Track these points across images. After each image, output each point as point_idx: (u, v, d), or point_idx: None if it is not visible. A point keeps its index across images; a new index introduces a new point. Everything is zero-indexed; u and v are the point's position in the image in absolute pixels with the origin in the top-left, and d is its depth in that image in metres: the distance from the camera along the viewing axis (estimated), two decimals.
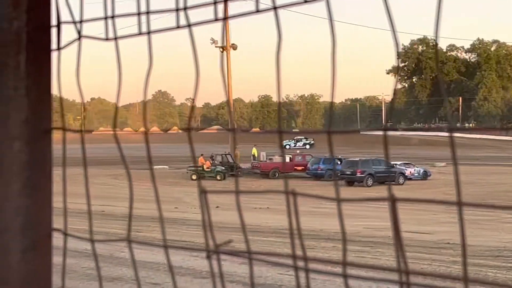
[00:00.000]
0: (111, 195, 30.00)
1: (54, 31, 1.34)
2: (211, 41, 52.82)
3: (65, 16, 1.33)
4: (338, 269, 1.07)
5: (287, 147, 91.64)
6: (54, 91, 1.35)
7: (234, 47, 54.37)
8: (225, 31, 48.74)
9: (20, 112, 1.28)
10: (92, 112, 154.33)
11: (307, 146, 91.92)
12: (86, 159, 1.33)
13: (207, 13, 1.23)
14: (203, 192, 1.20)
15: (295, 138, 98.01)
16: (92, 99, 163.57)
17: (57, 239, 1.39)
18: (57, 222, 1.36)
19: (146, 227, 19.43)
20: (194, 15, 1.25)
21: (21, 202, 1.28)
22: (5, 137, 1.27)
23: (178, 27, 1.24)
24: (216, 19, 1.21)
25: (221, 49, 8.34)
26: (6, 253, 1.29)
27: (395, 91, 1.23)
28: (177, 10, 1.24)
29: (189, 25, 1.23)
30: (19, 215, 1.28)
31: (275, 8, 1.12)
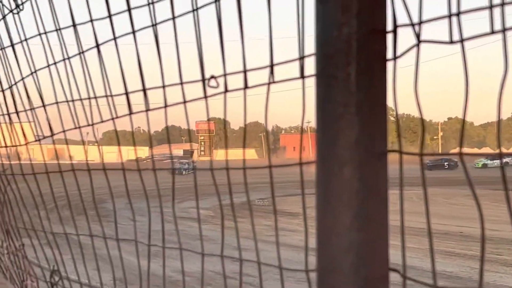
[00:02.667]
0: (469, 215, 28.94)
1: (388, 37, 1.15)
2: None
3: (400, 18, 1.12)
4: None
5: None
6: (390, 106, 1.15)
7: None
8: None
9: (350, 133, 1.10)
10: (449, 131, 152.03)
11: None
12: (425, 181, 1.11)
13: None
14: None
15: None
16: (449, 118, 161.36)
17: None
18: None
19: (507, 249, 18.35)
20: None
21: (352, 237, 1.10)
22: (333, 161, 1.10)
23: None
24: None
25: None
26: None
27: None
28: None
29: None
30: (350, 253, 1.10)
31: None
